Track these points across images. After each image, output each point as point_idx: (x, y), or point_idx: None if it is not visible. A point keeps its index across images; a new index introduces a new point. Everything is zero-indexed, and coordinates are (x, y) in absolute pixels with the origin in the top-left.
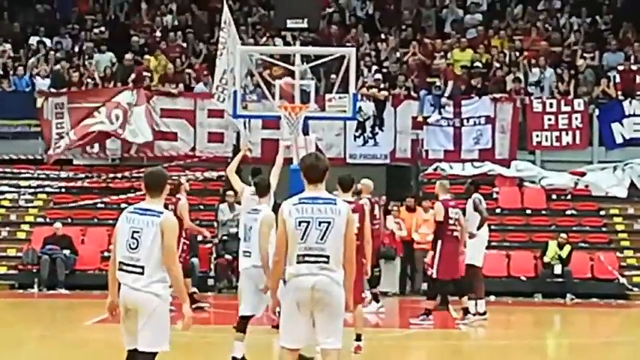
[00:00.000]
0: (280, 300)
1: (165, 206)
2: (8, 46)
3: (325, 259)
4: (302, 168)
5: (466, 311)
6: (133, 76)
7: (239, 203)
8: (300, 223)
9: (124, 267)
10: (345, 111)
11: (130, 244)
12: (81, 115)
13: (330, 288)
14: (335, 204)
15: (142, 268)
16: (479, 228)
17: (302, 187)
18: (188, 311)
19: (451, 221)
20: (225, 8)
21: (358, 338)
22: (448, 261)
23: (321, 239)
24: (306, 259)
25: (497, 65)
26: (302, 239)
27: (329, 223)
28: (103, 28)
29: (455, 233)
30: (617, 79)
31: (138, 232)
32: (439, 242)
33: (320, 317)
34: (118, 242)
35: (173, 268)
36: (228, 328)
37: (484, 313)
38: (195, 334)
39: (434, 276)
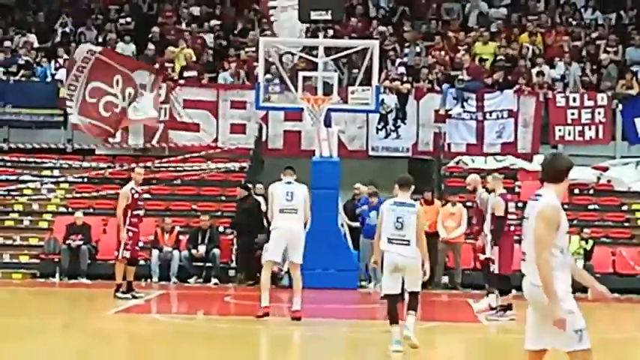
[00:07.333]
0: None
1: None
2: (33, 36)
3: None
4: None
5: (509, 307)
6: (156, 66)
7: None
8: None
9: (394, 241)
10: (367, 103)
11: (396, 226)
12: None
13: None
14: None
15: (408, 241)
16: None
17: (324, 178)
18: None
19: (510, 215)
20: None
21: None
22: (509, 255)
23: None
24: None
25: (521, 59)
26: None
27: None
28: (129, 19)
29: (512, 227)
30: None
31: (401, 217)
32: (499, 237)
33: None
34: (385, 224)
35: (421, 242)
36: (248, 319)
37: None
38: (216, 324)
39: (496, 271)
